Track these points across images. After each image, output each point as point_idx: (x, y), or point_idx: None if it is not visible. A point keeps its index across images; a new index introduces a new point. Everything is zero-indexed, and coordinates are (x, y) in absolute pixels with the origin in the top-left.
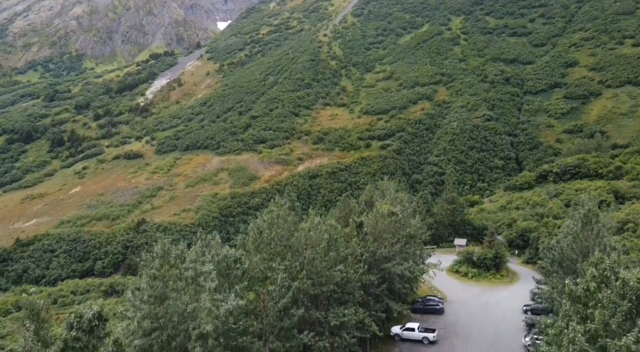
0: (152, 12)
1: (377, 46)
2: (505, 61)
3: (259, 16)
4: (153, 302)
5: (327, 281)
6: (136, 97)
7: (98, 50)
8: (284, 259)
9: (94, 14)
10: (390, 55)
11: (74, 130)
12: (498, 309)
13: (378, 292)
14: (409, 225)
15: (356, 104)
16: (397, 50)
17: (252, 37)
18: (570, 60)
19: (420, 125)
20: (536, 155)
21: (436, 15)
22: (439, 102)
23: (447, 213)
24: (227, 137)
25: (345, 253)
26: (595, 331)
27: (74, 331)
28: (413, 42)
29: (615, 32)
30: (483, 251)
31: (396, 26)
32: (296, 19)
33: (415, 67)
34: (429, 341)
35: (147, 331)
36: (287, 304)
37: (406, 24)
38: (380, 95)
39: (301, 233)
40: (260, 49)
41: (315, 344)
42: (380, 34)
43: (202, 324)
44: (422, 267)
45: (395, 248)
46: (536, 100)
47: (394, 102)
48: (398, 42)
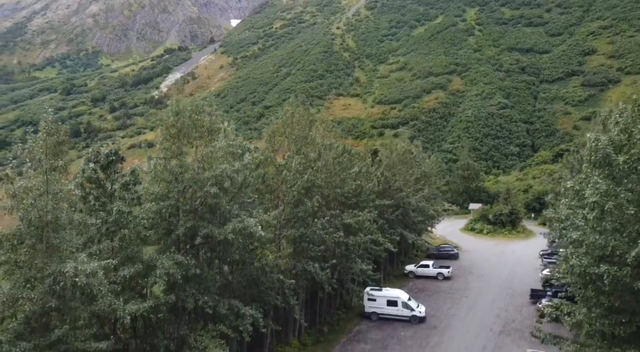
0: (166, 9)
1: (391, 38)
2: (521, 51)
3: (272, 11)
4: (169, 155)
5: (341, 183)
6: (151, 90)
7: (114, 47)
8: (298, 154)
9: (110, 12)
10: (403, 47)
11: (90, 122)
12: (514, 255)
13: (392, 217)
14: (424, 164)
15: (369, 94)
16: (410, 41)
17: (266, 31)
18: (588, 48)
19: (434, 114)
20: (552, 142)
21: (450, 7)
22: (453, 92)
23: (461, 180)
24: (240, 127)
25: (360, 166)
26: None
27: (91, 164)
28: (427, 33)
29: (635, 19)
30: (499, 207)
31: (410, 18)
32: (309, 12)
33: (429, 57)
34: (443, 276)
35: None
36: (301, 188)
37: (420, 16)
38: (393, 85)
39: (316, 132)
40: (274, 43)
41: (330, 235)
42: (393, 26)
43: (218, 172)
44: (436, 208)
45: (409, 181)
46: (553, 89)
47: (408, 91)
48: (412, 34)
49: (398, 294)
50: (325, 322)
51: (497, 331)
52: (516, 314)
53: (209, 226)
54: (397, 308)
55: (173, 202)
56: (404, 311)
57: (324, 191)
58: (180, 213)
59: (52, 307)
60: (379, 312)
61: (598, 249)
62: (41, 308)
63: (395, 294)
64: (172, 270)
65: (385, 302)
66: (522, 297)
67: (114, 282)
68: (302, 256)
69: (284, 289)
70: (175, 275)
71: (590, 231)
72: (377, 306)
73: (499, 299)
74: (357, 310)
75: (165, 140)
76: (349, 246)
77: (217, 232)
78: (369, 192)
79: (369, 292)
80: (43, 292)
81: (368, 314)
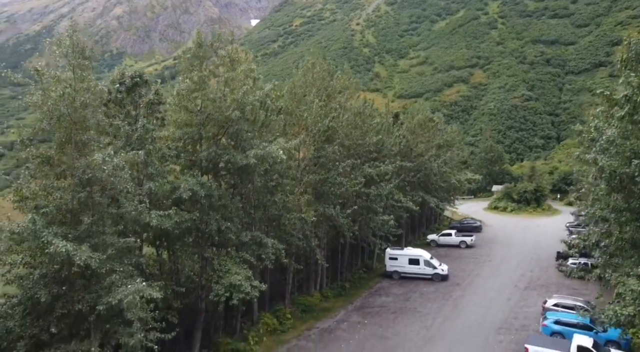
0: (188, 10)
1: (411, 33)
2: (545, 43)
3: (292, 9)
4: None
5: (362, 136)
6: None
7: (137, 48)
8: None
9: (134, 14)
10: (424, 42)
11: None
12: (539, 229)
13: (414, 180)
14: (446, 133)
15: (390, 88)
16: (431, 36)
17: (285, 29)
18: (616, 38)
19: (455, 107)
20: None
21: (472, 1)
22: (475, 85)
23: (484, 163)
24: None
25: (381, 121)
26: None
27: (116, 84)
28: (448, 27)
29: None
30: (523, 185)
31: (430, 13)
32: (329, 10)
33: (451, 51)
34: (466, 244)
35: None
36: (322, 133)
37: (441, 10)
38: (414, 79)
39: (336, 81)
40: (294, 40)
41: (351, 181)
42: (414, 21)
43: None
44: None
45: (431, 148)
46: (579, 80)
47: (428, 85)
48: (432, 29)
49: (420, 252)
50: (347, 280)
51: (521, 287)
52: (542, 273)
53: (231, 152)
54: (419, 266)
55: (196, 129)
56: (426, 269)
57: (344, 141)
58: (202, 141)
59: (80, 200)
60: (401, 271)
61: (629, 149)
62: (71, 200)
63: (417, 252)
64: (196, 188)
65: (407, 261)
66: (548, 261)
67: (139, 194)
68: (323, 200)
69: (305, 230)
70: (198, 193)
71: (620, 130)
72: (398, 265)
73: (523, 263)
74: (378, 271)
75: (188, 70)
76: (370, 196)
77: (239, 158)
78: (390, 147)
79: (390, 251)
80: (72, 184)
81: (389, 273)
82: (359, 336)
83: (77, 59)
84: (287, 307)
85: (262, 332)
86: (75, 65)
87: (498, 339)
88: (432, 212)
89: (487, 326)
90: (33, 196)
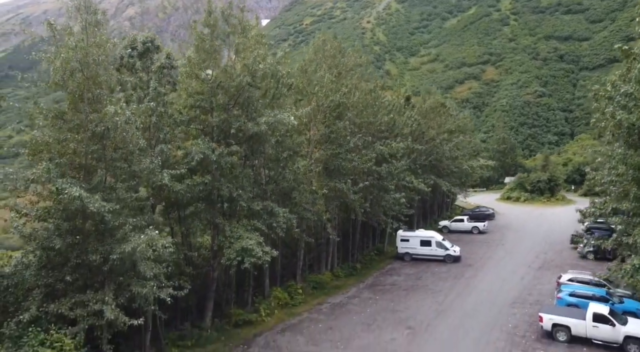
0: (199, 11)
1: (422, 31)
2: (558, 39)
3: (302, 8)
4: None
5: (374, 114)
6: None
7: None
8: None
9: (145, 15)
10: (435, 39)
11: None
12: (553, 216)
13: (426, 163)
14: (457, 119)
15: (400, 86)
16: (442, 33)
17: (296, 27)
18: (631, 33)
19: (467, 104)
20: (593, 130)
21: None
22: (487, 81)
23: (497, 155)
24: None
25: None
26: None
27: (128, 49)
28: (459, 24)
29: None
30: (536, 175)
31: (442, 10)
32: (339, 8)
33: (462, 48)
34: (478, 230)
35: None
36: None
37: (452, 7)
38: (425, 76)
39: (347, 58)
40: (304, 39)
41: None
42: (425, 18)
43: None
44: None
45: (442, 132)
46: (593, 76)
47: (440, 82)
48: (444, 26)
49: (432, 234)
50: (358, 261)
51: (535, 267)
52: (556, 256)
53: (242, 119)
54: (431, 248)
55: (207, 97)
56: (437, 250)
57: (355, 119)
58: (213, 110)
59: (93, 153)
60: (412, 253)
61: None
62: (84, 153)
63: (428, 234)
64: (207, 151)
65: (418, 242)
66: (562, 245)
67: (151, 156)
68: (334, 176)
69: (316, 204)
70: (209, 157)
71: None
72: (410, 246)
73: (537, 246)
74: (389, 254)
75: (200, 39)
76: (381, 174)
77: (250, 125)
78: (401, 127)
79: (401, 233)
80: (85, 138)
81: (401, 255)
82: (370, 310)
83: (89, 14)
84: (298, 283)
85: (273, 306)
86: (87, 21)
87: (511, 312)
88: (443, 199)
89: (500, 301)
90: (47, 148)
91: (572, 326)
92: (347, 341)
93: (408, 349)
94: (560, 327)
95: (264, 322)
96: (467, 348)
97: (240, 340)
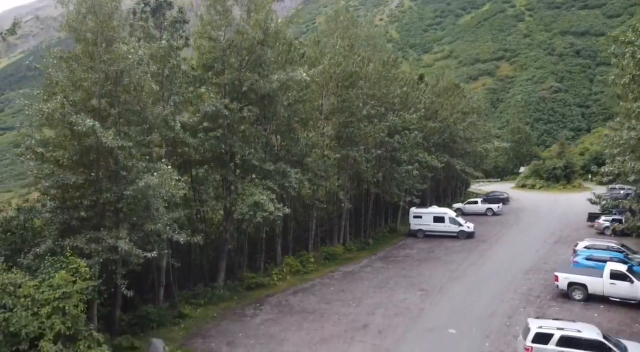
0: None
1: (435, 27)
2: (575, 34)
3: (315, 6)
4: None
5: (387, 85)
6: None
7: None
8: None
9: None
10: (449, 36)
11: None
12: (569, 201)
13: (439, 141)
14: (472, 100)
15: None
16: (456, 30)
17: (308, 26)
18: None
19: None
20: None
21: None
22: (502, 77)
23: (511, 145)
24: None
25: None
26: None
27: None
28: (473, 21)
29: None
30: (552, 161)
31: (455, 7)
32: (352, 6)
33: (476, 44)
34: (493, 212)
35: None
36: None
37: (466, 4)
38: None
39: (360, 29)
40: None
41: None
42: (438, 15)
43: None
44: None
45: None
46: (611, 71)
47: (453, 78)
48: (457, 23)
49: (445, 210)
50: (370, 236)
51: (551, 242)
52: (572, 232)
53: (254, 76)
54: (444, 224)
55: (219, 55)
56: (451, 226)
57: (368, 91)
58: (225, 70)
59: (107, 94)
60: (425, 229)
61: None
62: (98, 92)
63: (442, 210)
64: (219, 105)
65: (431, 219)
66: (579, 224)
67: (163, 106)
68: (346, 144)
69: (329, 172)
70: (221, 111)
71: None
72: (423, 223)
73: (553, 225)
74: (402, 232)
75: None
76: (393, 145)
77: (262, 82)
78: (414, 101)
79: (414, 210)
80: (99, 79)
81: (414, 232)
82: (382, 276)
83: None
84: (310, 253)
85: (285, 272)
86: None
87: (526, 277)
88: (457, 184)
89: (515, 269)
90: (61, 89)
91: (588, 284)
92: (359, 300)
93: (421, 306)
94: (576, 285)
95: (276, 286)
96: (480, 306)
97: (253, 300)
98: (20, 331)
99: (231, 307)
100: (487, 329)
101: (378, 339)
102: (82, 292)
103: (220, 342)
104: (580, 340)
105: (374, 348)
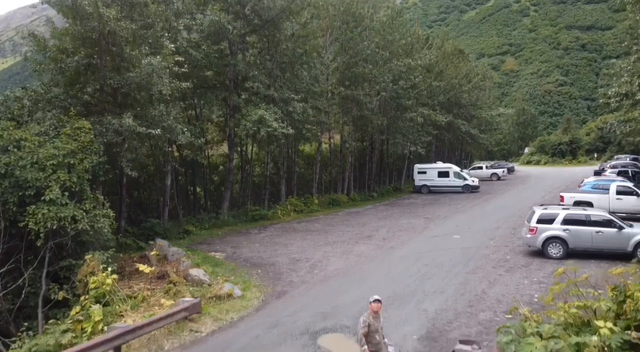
0: None
1: (440, 23)
2: (580, 28)
3: None
4: None
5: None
6: None
7: None
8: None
9: None
10: (453, 31)
11: None
12: (574, 171)
13: (444, 100)
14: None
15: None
16: (461, 25)
17: None
18: None
19: None
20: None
21: None
22: (507, 72)
23: (516, 126)
24: None
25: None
26: None
27: None
28: (478, 16)
29: None
30: (557, 137)
31: (460, 3)
32: None
33: (481, 39)
34: (497, 177)
35: None
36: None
37: (471, 0)
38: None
39: None
40: None
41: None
42: (442, 11)
43: None
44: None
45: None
46: (617, 63)
47: None
48: (462, 19)
49: (449, 165)
50: (374, 191)
51: (556, 191)
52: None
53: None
54: (449, 179)
55: None
56: (456, 181)
57: (374, 38)
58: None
59: None
60: (430, 185)
61: None
62: None
63: (446, 165)
64: (223, 20)
65: (436, 174)
66: None
67: None
68: (350, 84)
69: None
70: (224, 26)
71: None
72: (427, 178)
73: (558, 183)
74: (406, 191)
75: None
76: (397, 91)
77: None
78: (418, 55)
79: (418, 165)
80: None
81: (418, 188)
82: (387, 212)
83: None
84: (314, 196)
85: (289, 209)
86: None
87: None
88: (462, 156)
89: (521, 205)
90: None
91: (594, 201)
92: (364, 224)
93: (425, 225)
94: (582, 204)
95: (280, 219)
96: (485, 224)
97: (257, 225)
98: (26, 177)
99: (236, 230)
100: (491, 235)
101: (382, 242)
102: (86, 152)
103: (225, 246)
104: (586, 218)
105: (377, 247)
